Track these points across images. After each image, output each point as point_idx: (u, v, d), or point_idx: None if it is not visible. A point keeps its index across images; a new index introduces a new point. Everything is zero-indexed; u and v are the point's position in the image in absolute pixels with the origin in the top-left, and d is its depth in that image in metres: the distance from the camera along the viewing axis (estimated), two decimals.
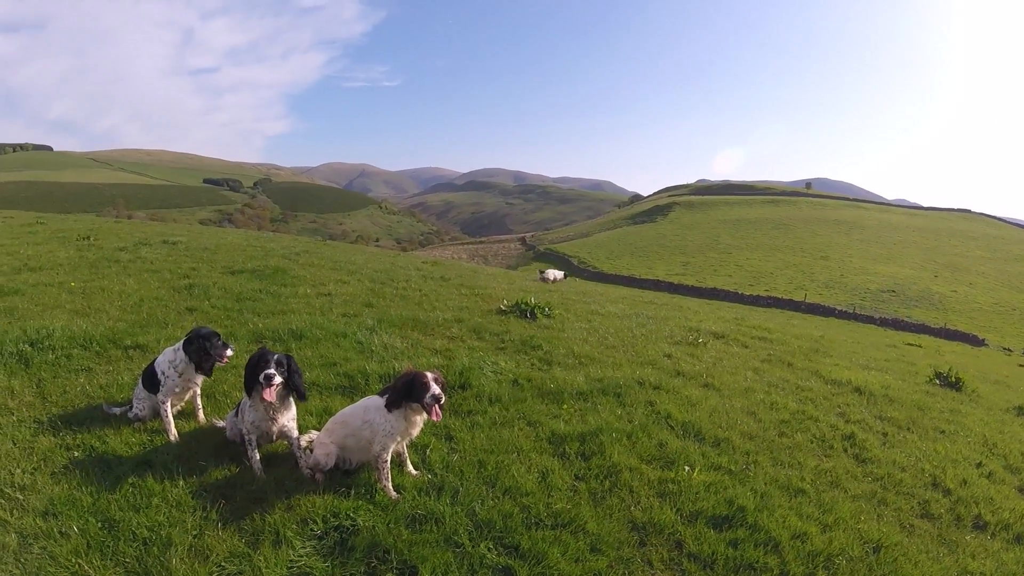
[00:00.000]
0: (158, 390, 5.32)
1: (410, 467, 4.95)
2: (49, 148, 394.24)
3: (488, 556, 3.94)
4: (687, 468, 5.33)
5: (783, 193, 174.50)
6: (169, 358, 5.33)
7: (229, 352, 5.34)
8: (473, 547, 4.00)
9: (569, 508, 4.51)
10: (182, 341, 5.35)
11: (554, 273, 25.25)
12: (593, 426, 5.89)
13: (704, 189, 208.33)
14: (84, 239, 18.17)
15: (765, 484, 5.32)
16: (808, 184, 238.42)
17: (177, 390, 5.38)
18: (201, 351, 5.22)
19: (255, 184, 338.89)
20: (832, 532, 4.74)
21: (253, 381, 4.64)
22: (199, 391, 5.71)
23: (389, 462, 4.61)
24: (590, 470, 5.17)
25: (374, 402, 4.74)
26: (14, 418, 5.48)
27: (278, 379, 4.61)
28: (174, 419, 5.46)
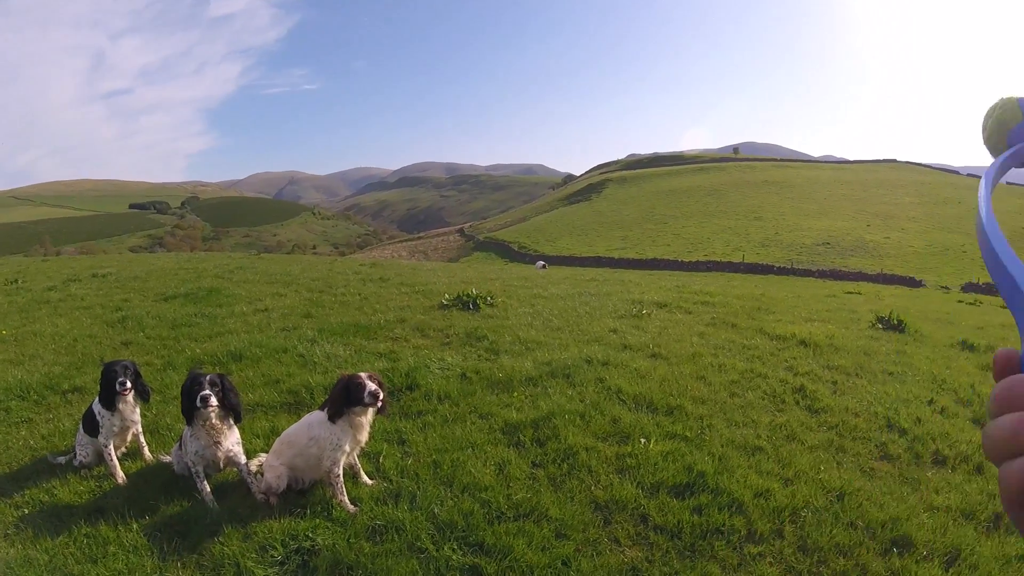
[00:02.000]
0: (98, 433, 5.14)
1: (364, 477, 4.85)
2: None
3: (453, 557, 3.86)
4: (643, 440, 5.31)
5: (712, 160, 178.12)
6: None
7: (126, 384, 5.10)
8: (437, 550, 3.91)
9: (529, 497, 4.44)
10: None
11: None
12: (545, 411, 5.83)
13: (635, 163, 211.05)
14: (12, 283, 17.50)
15: (722, 446, 5.32)
16: (736, 149, 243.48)
17: (116, 430, 5.18)
18: (106, 386, 5.08)
19: (182, 204, 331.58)
20: (794, 485, 4.77)
21: (191, 406, 4.50)
22: (140, 428, 5.49)
23: (342, 476, 4.50)
24: (547, 455, 5.11)
25: (317, 417, 4.62)
26: None
27: (214, 400, 4.49)
28: (120, 460, 5.29)
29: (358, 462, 4.85)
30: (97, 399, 5.23)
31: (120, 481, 5.03)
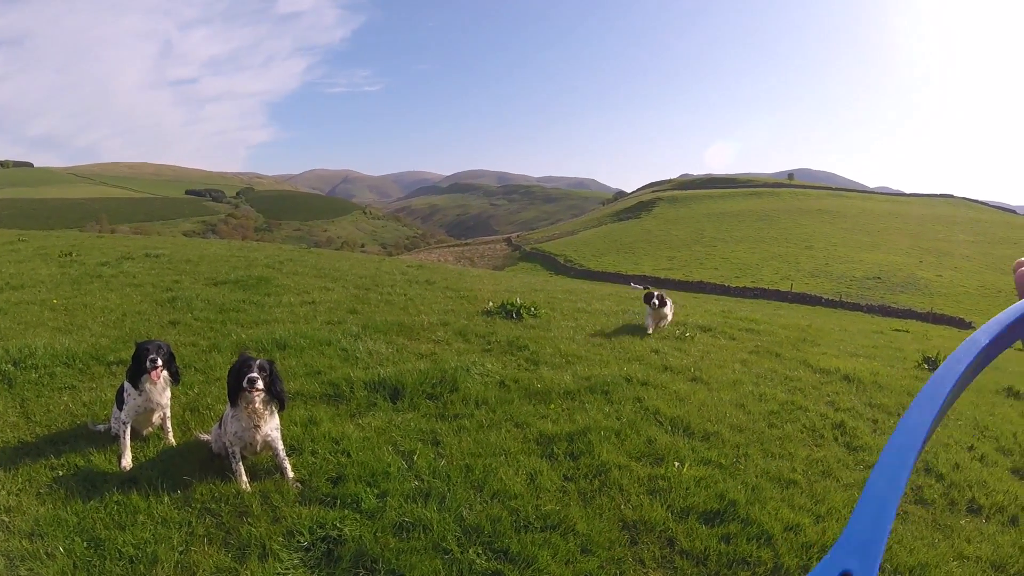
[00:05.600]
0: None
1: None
2: (30, 165, 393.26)
3: (477, 562, 3.86)
4: (677, 464, 5.26)
5: (766, 185, 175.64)
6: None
7: (157, 361, 5.11)
8: (462, 553, 3.93)
9: (558, 509, 4.43)
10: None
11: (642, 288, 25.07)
12: (581, 425, 5.82)
13: (687, 184, 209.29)
14: (66, 255, 18.05)
15: (756, 476, 5.24)
16: (790, 175, 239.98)
17: (140, 410, 5.20)
18: (136, 362, 5.11)
19: (238, 193, 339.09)
20: (825, 522, 4.67)
21: (237, 388, 4.60)
22: (168, 412, 5.49)
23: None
24: (579, 470, 5.10)
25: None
26: None
27: (261, 384, 4.58)
28: (151, 438, 5.44)
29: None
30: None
31: (124, 465, 5.02)
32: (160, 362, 5.11)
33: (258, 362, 4.67)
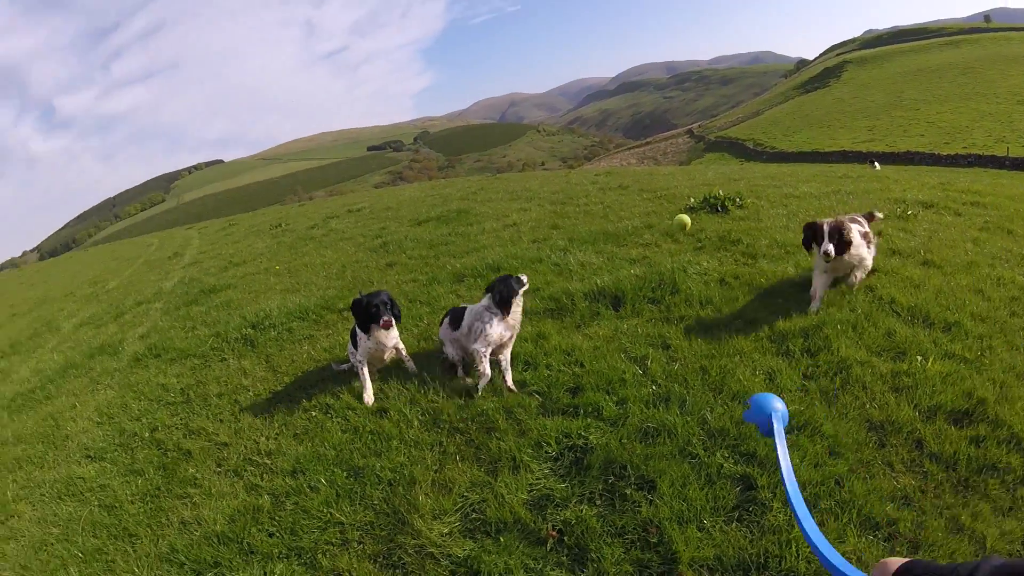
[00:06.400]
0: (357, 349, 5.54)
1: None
2: (221, 161, 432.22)
3: (725, 465, 3.88)
4: (920, 358, 4.89)
5: (961, 32, 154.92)
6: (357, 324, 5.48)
7: (387, 318, 5.29)
8: (709, 457, 3.96)
9: (803, 410, 4.31)
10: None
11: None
12: (815, 319, 5.58)
13: (874, 41, 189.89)
14: (276, 227, 19.77)
15: (1003, 372, 4.70)
16: (987, 17, 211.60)
17: (372, 350, 5.49)
18: (365, 314, 5.33)
19: (415, 140, 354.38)
20: None
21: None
22: (402, 347, 5.74)
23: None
24: (818, 367, 4.91)
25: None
26: (251, 393, 6.11)
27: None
28: (398, 362, 5.82)
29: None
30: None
31: (367, 400, 5.30)
32: (389, 317, 5.29)
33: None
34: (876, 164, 29.54)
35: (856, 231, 5.89)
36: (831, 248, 5.64)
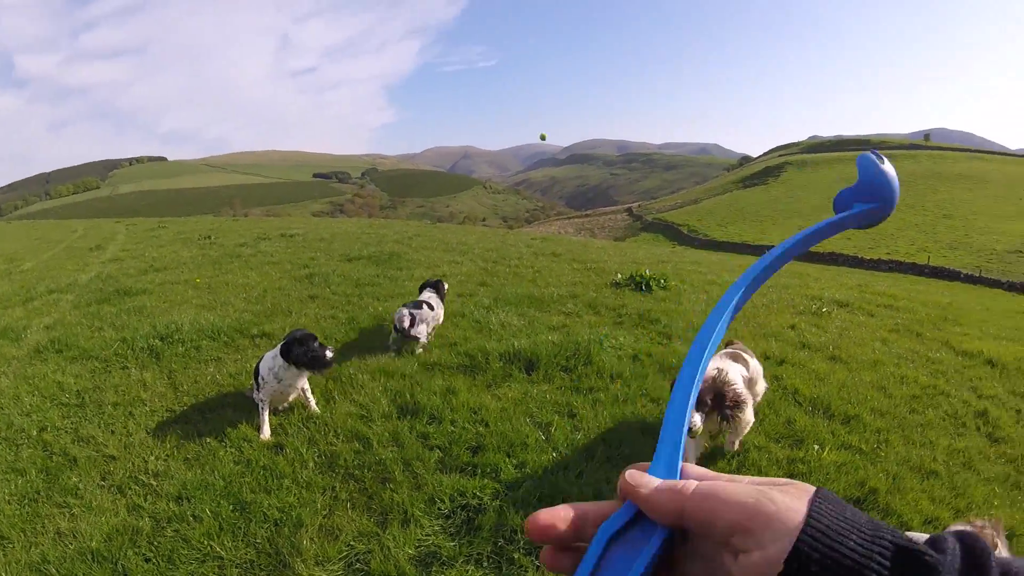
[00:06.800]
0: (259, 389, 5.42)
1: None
2: (164, 159, 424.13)
3: None
4: (816, 447, 5.08)
5: (900, 147, 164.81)
6: (268, 364, 5.37)
7: (329, 353, 5.32)
8: None
9: None
10: (279, 346, 5.39)
11: None
12: None
13: (817, 146, 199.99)
14: (205, 238, 19.33)
15: (897, 465, 4.96)
16: (927, 136, 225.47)
17: (277, 393, 5.41)
18: (306, 355, 5.26)
19: (363, 174, 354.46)
20: (964, 517, 4.35)
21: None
22: (308, 388, 5.67)
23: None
24: (717, 449, 5.02)
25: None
26: (147, 408, 5.82)
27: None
28: (304, 403, 5.67)
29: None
30: (264, 359, 5.45)
31: (265, 435, 5.21)
32: (325, 354, 5.31)
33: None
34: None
35: (740, 369, 4.97)
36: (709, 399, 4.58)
